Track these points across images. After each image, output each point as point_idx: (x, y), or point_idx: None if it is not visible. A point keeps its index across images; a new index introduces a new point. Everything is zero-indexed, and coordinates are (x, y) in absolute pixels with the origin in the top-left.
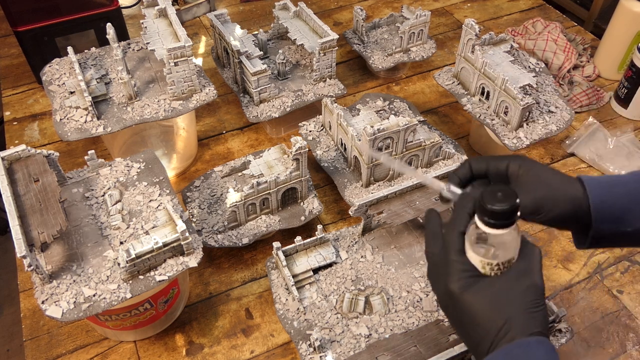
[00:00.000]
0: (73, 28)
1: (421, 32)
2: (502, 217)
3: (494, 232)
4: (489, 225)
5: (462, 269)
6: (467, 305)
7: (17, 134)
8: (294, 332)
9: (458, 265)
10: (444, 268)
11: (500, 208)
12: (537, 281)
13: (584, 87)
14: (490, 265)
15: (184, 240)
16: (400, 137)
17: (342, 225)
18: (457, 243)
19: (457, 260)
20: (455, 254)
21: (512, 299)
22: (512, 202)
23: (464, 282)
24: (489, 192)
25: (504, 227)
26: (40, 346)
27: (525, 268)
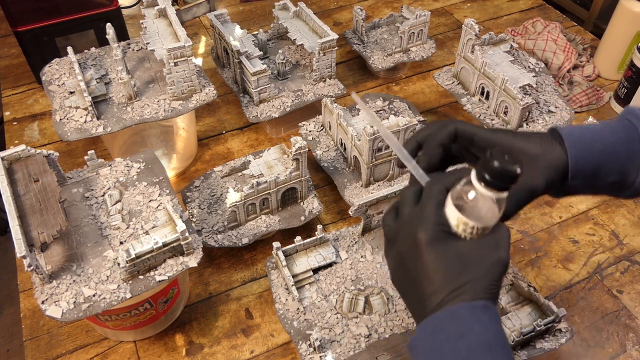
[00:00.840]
0: (73, 28)
1: (421, 32)
2: (506, 178)
3: (488, 192)
4: (486, 183)
5: (437, 221)
6: (431, 257)
7: (17, 134)
8: (294, 332)
9: (433, 217)
10: (415, 217)
11: (507, 168)
12: (505, 258)
13: (584, 87)
14: (465, 226)
15: (184, 240)
16: (400, 137)
17: (342, 225)
18: (439, 196)
19: (434, 212)
20: (434, 205)
21: (480, 265)
22: (518, 166)
23: (435, 234)
24: (496, 151)
25: (500, 190)
26: (40, 346)
27: (497, 242)
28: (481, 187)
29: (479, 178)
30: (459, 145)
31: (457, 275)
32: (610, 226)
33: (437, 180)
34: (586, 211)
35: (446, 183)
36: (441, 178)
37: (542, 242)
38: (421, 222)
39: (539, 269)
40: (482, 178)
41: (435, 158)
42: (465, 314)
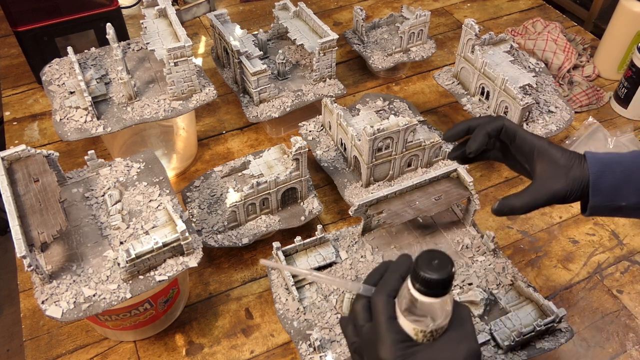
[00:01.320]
0: (73, 28)
1: (421, 32)
2: (437, 286)
3: (427, 300)
4: (422, 293)
5: (395, 339)
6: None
7: (17, 134)
8: (294, 332)
9: (390, 335)
10: (374, 336)
11: (436, 277)
12: (475, 347)
13: (584, 87)
14: (423, 333)
15: (184, 240)
16: (400, 137)
17: (342, 225)
18: (387, 309)
19: (389, 329)
20: (386, 322)
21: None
22: (448, 272)
23: (399, 354)
24: (423, 257)
25: (439, 296)
26: (40, 346)
27: (462, 333)
28: (420, 296)
29: (414, 287)
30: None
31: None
32: (610, 226)
33: (381, 291)
34: None
35: (389, 291)
36: (384, 287)
37: (542, 242)
38: (381, 343)
39: (539, 269)
40: (417, 288)
41: (480, 145)
42: None
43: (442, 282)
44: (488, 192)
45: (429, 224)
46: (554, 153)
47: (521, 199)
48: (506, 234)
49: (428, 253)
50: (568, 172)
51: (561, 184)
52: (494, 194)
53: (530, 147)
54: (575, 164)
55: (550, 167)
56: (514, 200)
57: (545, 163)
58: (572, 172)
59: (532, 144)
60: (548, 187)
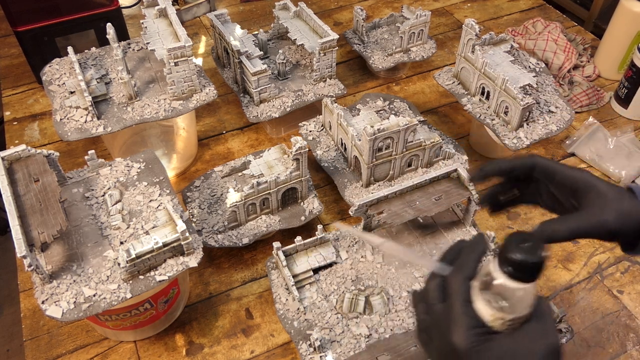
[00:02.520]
0: (73, 28)
1: (421, 32)
2: (529, 270)
3: (514, 285)
4: (510, 276)
5: (470, 324)
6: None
7: (17, 134)
8: (294, 332)
9: (465, 319)
10: (447, 319)
11: (529, 260)
12: (555, 342)
13: (584, 87)
14: (502, 321)
15: (184, 240)
16: (400, 137)
17: None
18: (464, 291)
19: (464, 313)
20: (462, 305)
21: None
22: (540, 255)
23: (473, 340)
24: (515, 239)
25: (528, 282)
26: (40, 346)
27: (543, 327)
28: (506, 280)
29: (505, 273)
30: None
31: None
32: None
33: (457, 273)
34: None
35: (467, 273)
36: (461, 269)
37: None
38: (454, 326)
39: None
40: (504, 271)
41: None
42: None
43: (535, 265)
44: None
45: (429, 224)
46: (602, 186)
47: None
48: (506, 234)
49: (518, 235)
50: (620, 206)
51: (612, 217)
52: None
53: (573, 181)
54: (626, 198)
55: (599, 199)
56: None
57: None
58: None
59: (576, 178)
60: (597, 217)
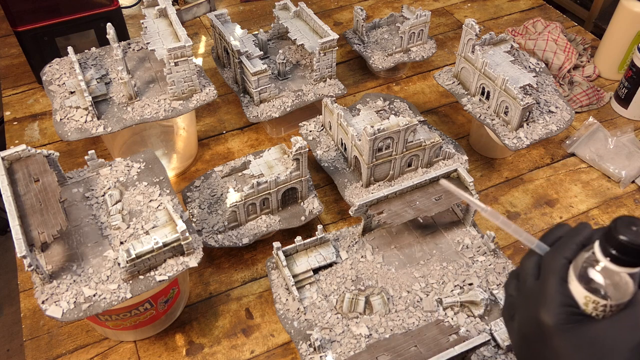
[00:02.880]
0: (73, 28)
1: (421, 32)
2: (633, 253)
3: (617, 269)
4: (614, 259)
5: (563, 302)
6: (561, 345)
7: (17, 133)
8: (294, 332)
9: (558, 296)
10: (538, 296)
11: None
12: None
13: (584, 87)
14: (595, 304)
15: (184, 240)
16: (401, 137)
17: (342, 225)
18: (562, 270)
19: (558, 291)
20: (557, 283)
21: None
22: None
23: (563, 318)
24: (623, 220)
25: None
26: (40, 346)
27: (637, 319)
28: (609, 263)
29: (604, 253)
30: None
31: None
32: None
33: (556, 252)
34: (586, 211)
35: (567, 254)
36: (561, 248)
37: None
38: (544, 302)
39: None
40: (608, 253)
41: None
42: None
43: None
44: (488, 192)
45: (429, 224)
46: None
47: None
48: (506, 234)
49: (627, 218)
50: None
51: None
52: (494, 194)
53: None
54: None
55: None
56: None
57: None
58: None
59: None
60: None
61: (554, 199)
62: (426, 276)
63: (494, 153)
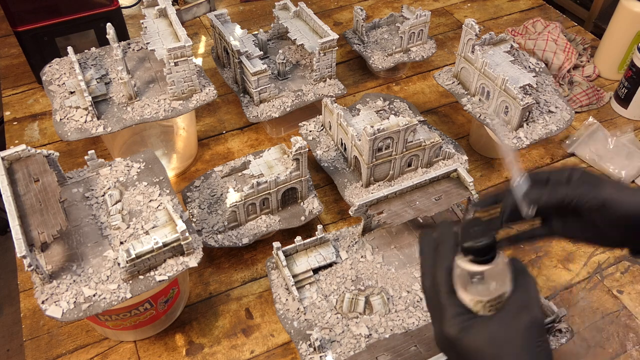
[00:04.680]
0: (73, 28)
1: (421, 32)
2: (483, 252)
3: (480, 268)
4: (473, 262)
5: (455, 312)
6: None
7: (17, 133)
8: (294, 332)
9: (450, 309)
10: (436, 310)
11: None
12: (537, 315)
13: (584, 87)
14: (481, 303)
15: (184, 240)
16: (400, 137)
17: (342, 225)
18: (446, 283)
19: (448, 303)
20: (445, 296)
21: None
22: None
23: (459, 326)
24: (465, 226)
25: (485, 263)
26: (40, 346)
27: (522, 302)
28: (472, 266)
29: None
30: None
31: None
32: None
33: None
34: None
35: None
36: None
37: (542, 242)
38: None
39: (539, 269)
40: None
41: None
42: None
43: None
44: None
45: (429, 224)
46: None
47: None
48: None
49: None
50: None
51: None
52: None
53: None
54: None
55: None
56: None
57: None
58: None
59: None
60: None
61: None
62: None
63: (494, 153)
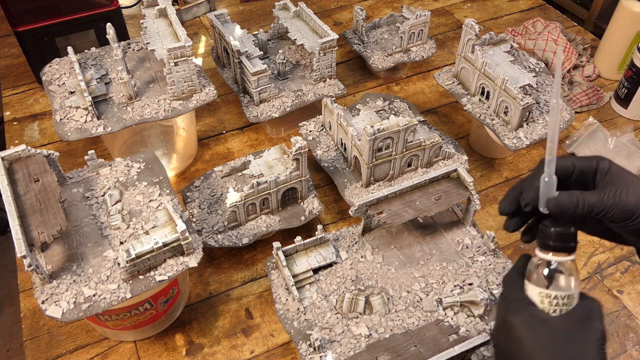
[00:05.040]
0: (73, 28)
1: (421, 32)
2: (561, 238)
3: (554, 257)
4: (547, 248)
5: (522, 301)
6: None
7: (17, 133)
8: (294, 332)
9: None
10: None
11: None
12: (601, 327)
13: (584, 87)
14: (549, 298)
15: (184, 240)
16: (400, 137)
17: (342, 225)
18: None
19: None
20: (514, 291)
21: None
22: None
23: (523, 316)
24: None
25: (564, 251)
26: (40, 346)
27: (588, 312)
28: (549, 255)
29: (544, 247)
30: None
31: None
32: None
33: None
34: None
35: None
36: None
37: None
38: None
39: None
40: (546, 246)
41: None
42: None
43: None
44: (488, 192)
45: (429, 224)
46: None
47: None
48: (506, 234)
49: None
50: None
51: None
52: (494, 194)
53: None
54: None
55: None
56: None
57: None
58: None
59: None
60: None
61: None
62: (426, 276)
63: (494, 153)
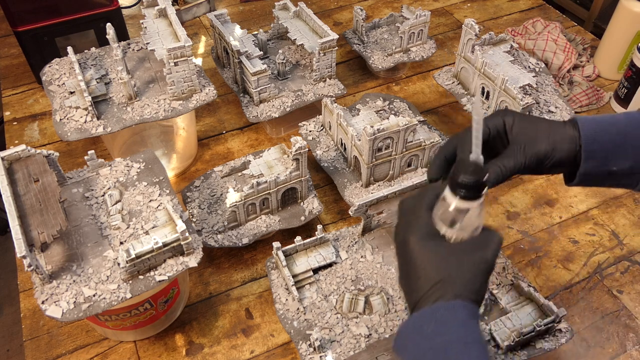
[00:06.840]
0: (73, 28)
1: (421, 32)
2: (476, 188)
3: (466, 205)
4: (456, 194)
5: (426, 224)
6: (415, 256)
7: (17, 134)
8: (294, 332)
9: (422, 220)
10: (410, 218)
11: (469, 180)
12: (489, 258)
13: (584, 87)
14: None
15: (184, 240)
16: (400, 137)
17: (342, 225)
18: (430, 201)
19: (423, 216)
20: (424, 210)
21: (458, 263)
22: (480, 177)
23: (421, 235)
24: (462, 162)
25: (470, 200)
26: (40, 346)
27: (484, 242)
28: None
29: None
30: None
31: (434, 272)
32: (610, 226)
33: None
34: (586, 211)
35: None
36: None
37: (542, 242)
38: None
39: (539, 269)
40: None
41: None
42: (443, 314)
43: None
44: (488, 192)
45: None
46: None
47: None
48: (506, 234)
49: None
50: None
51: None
52: (493, 193)
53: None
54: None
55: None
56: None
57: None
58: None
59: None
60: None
61: (553, 198)
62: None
63: None
